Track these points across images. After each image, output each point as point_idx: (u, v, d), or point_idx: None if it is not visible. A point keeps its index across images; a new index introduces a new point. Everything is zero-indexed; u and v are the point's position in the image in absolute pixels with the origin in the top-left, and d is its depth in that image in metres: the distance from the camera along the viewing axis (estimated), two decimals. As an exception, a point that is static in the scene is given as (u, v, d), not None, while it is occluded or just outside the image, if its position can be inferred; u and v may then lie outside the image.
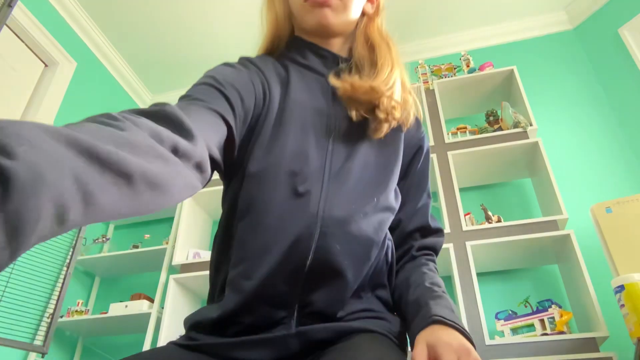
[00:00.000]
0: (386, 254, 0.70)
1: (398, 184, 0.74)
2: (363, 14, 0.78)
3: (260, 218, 0.62)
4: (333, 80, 0.69)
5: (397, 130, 0.73)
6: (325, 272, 0.61)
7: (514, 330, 1.87)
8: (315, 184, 0.64)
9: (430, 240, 0.76)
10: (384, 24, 0.80)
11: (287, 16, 0.79)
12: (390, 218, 0.70)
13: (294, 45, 0.78)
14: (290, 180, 0.63)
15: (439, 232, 0.78)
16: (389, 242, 0.71)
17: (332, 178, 0.65)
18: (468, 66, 2.58)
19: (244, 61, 0.74)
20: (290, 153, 0.65)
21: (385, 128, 0.69)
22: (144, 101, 3.48)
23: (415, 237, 0.76)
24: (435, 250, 0.77)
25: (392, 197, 0.71)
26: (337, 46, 0.77)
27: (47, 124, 0.32)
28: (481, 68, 2.54)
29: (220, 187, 2.45)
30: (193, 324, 0.66)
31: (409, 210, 0.76)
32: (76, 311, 2.39)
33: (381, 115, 0.67)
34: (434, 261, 0.76)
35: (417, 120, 0.79)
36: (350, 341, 0.58)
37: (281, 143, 0.66)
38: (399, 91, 0.71)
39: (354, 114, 0.69)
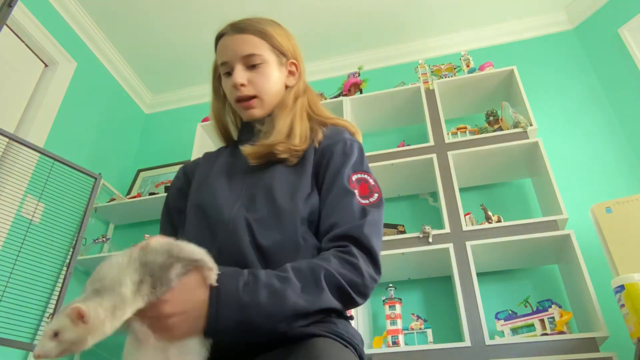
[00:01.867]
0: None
1: (320, 192, 0.84)
2: (287, 86, 0.98)
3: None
4: (243, 149, 0.89)
5: (305, 160, 0.87)
6: None
7: (514, 330, 1.87)
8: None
9: (340, 230, 0.75)
10: (301, 85, 0.99)
11: (234, 112, 1.02)
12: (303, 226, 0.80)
13: (241, 128, 1.02)
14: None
15: (359, 217, 0.77)
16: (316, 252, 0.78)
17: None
18: (468, 66, 2.58)
19: (179, 174, 1.01)
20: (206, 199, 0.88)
21: (293, 160, 0.87)
22: (144, 101, 3.48)
23: (329, 236, 0.76)
24: (346, 237, 0.74)
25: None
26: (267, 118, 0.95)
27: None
28: (481, 68, 2.54)
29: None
30: None
31: (326, 212, 0.80)
32: (76, 311, 2.38)
33: (283, 155, 0.85)
34: (342, 249, 0.73)
35: (338, 129, 0.93)
36: (305, 346, 0.63)
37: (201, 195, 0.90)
38: (301, 127, 0.90)
39: (256, 162, 0.88)
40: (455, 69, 2.62)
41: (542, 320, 1.83)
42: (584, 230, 2.03)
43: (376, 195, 0.82)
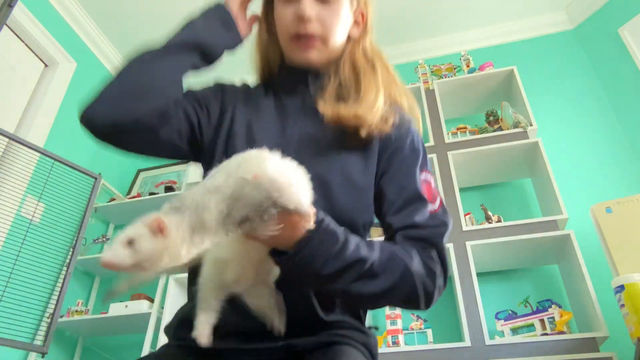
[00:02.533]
0: None
1: (379, 185, 0.76)
2: (349, 37, 0.85)
3: None
4: (321, 107, 0.76)
5: (374, 139, 0.77)
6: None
7: (514, 330, 1.87)
8: None
9: (421, 232, 0.69)
10: (371, 44, 0.88)
11: (276, 49, 0.87)
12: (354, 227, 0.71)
13: (281, 74, 0.87)
14: None
15: (440, 225, 0.71)
16: None
17: None
18: (468, 66, 2.58)
19: (214, 87, 0.88)
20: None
21: (362, 143, 0.75)
22: (144, 101, 3.47)
23: (405, 234, 0.70)
24: (428, 240, 0.69)
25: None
26: (322, 69, 0.83)
27: None
28: (481, 68, 2.54)
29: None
30: (182, 320, 0.73)
31: (395, 211, 0.72)
32: (76, 311, 2.39)
33: (363, 133, 0.74)
34: (425, 249, 0.68)
35: (405, 118, 0.81)
36: (332, 352, 0.65)
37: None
38: (381, 110, 0.77)
39: (331, 130, 0.76)
40: (455, 69, 2.62)
41: (542, 320, 1.84)
42: (584, 230, 2.03)
43: (438, 201, 0.74)
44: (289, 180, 0.54)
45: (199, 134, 0.80)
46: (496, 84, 2.51)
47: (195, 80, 0.83)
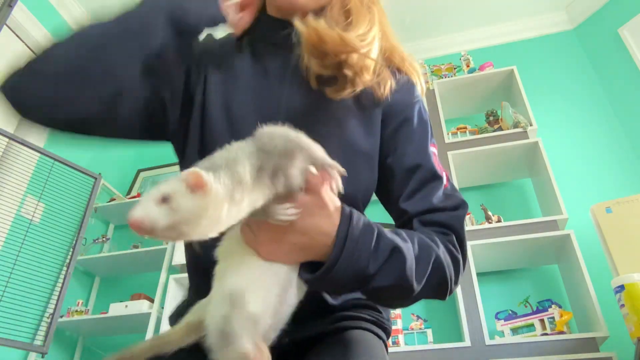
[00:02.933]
0: None
1: (386, 156, 0.66)
2: None
3: None
4: (298, 24, 0.61)
5: (372, 105, 0.66)
6: None
7: (514, 330, 1.88)
8: None
9: (440, 216, 0.62)
10: None
11: None
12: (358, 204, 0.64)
13: (261, 24, 0.71)
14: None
15: (458, 206, 0.64)
16: None
17: None
18: (468, 66, 2.58)
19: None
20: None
21: (347, 89, 0.62)
22: (144, 101, 3.47)
23: (424, 219, 0.63)
24: (448, 226, 0.62)
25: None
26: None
27: None
28: (481, 68, 2.54)
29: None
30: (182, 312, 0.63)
31: (410, 192, 0.64)
32: (76, 311, 2.39)
33: (348, 72, 0.60)
34: (446, 236, 0.61)
35: (408, 83, 0.71)
36: (340, 342, 0.59)
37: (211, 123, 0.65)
38: (376, 52, 0.64)
39: (313, 78, 0.63)
40: (455, 69, 2.62)
41: (542, 320, 1.84)
42: (584, 230, 2.03)
43: (445, 175, 0.68)
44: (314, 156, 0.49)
45: (161, 114, 0.66)
46: (496, 84, 2.51)
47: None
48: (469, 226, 2.02)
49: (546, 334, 1.78)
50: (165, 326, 2.16)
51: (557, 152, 2.43)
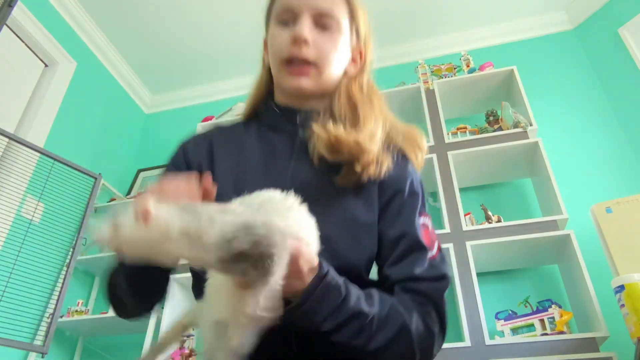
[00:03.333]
0: None
1: (379, 230, 0.71)
2: (345, 73, 0.80)
3: None
4: (316, 129, 0.69)
5: (370, 183, 0.71)
6: None
7: (514, 330, 1.87)
8: None
9: (421, 285, 0.66)
10: (368, 81, 0.82)
11: (268, 81, 0.83)
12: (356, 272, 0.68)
13: (269, 111, 0.80)
14: None
15: (440, 278, 0.68)
16: None
17: None
18: (468, 66, 2.58)
19: (176, 155, 0.79)
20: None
21: (351, 181, 0.69)
22: (144, 101, 3.48)
23: (404, 286, 0.66)
24: (427, 296, 0.65)
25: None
26: (313, 104, 0.77)
27: None
28: (481, 68, 2.54)
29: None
30: None
31: (393, 259, 0.68)
32: (76, 311, 2.38)
33: (358, 169, 0.68)
34: (424, 306, 0.65)
35: (402, 159, 0.77)
36: None
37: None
38: (378, 146, 0.72)
39: (317, 158, 0.70)
40: (455, 69, 2.62)
41: (542, 320, 1.83)
42: (584, 230, 2.03)
43: (436, 246, 0.71)
44: (299, 238, 0.53)
45: None
46: (496, 84, 2.51)
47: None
48: (469, 226, 2.02)
49: (546, 334, 1.78)
50: (165, 325, 2.16)
51: (557, 152, 2.43)
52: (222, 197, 0.64)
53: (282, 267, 0.49)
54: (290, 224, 0.51)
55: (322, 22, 0.74)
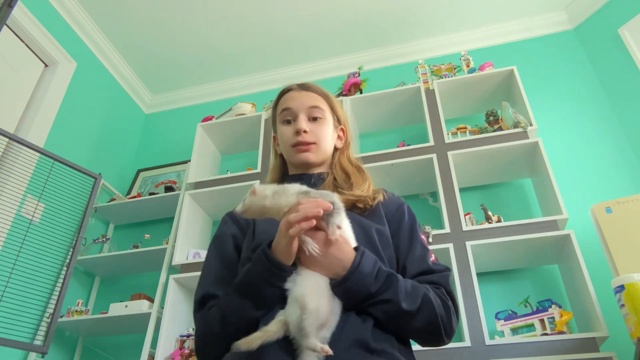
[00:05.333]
0: None
1: (394, 243, 0.95)
2: (336, 148, 1.11)
3: None
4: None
5: (375, 207, 0.99)
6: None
7: (514, 330, 1.87)
8: None
9: (431, 277, 0.89)
10: (352, 154, 1.14)
11: (281, 164, 1.13)
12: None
13: (284, 181, 1.05)
14: None
15: (444, 270, 0.91)
16: None
17: None
18: (468, 66, 2.58)
19: (228, 221, 1.04)
20: None
21: (362, 212, 0.97)
22: (144, 101, 3.48)
23: (419, 279, 0.88)
24: (438, 283, 0.88)
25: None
26: (318, 170, 1.07)
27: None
28: (481, 68, 2.54)
29: (220, 187, 2.44)
30: None
31: (410, 260, 0.92)
32: (76, 311, 2.39)
33: (360, 205, 0.97)
34: (437, 289, 0.86)
35: (395, 196, 1.06)
36: None
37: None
38: (371, 191, 1.01)
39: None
40: (455, 69, 2.62)
41: (542, 320, 1.84)
42: (584, 230, 2.03)
43: (433, 255, 0.95)
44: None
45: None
46: (496, 84, 2.51)
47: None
48: (469, 226, 2.02)
49: (546, 334, 1.78)
50: (165, 325, 2.16)
51: (557, 152, 2.43)
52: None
53: (342, 215, 0.80)
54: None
55: (313, 114, 1.07)
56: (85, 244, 2.60)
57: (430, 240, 2.01)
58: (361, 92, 2.68)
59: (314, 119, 1.06)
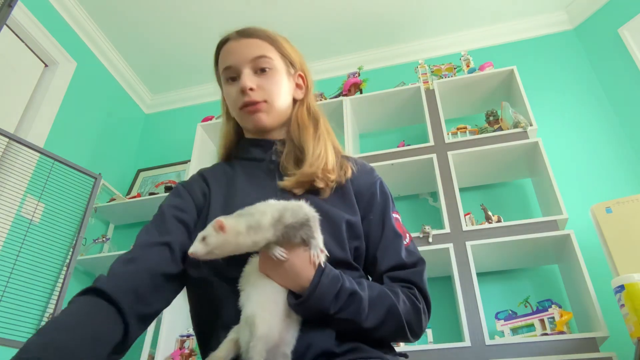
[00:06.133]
0: None
1: (363, 227, 0.84)
2: (295, 100, 0.96)
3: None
4: (281, 185, 0.84)
5: (343, 185, 0.88)
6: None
7: (514, 330, 1.87)
8: None
9: (404, 273, 0.81)
10: (313, 102, 0.98)
11: (234, 128, 0.99)
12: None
13: (241, 146, 0.97)
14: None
15: (417, 263, 0.83)
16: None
17: None
18: (468, 66, 2.58)
19: (191, 180, 0.94)
20: None
21: (327, 191, 0.85)
22: (144, 101, 3.48)
23: (390, 275, 0.81)
24: (411, 281, 0.80)
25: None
26: (276, 133, 0.94)
27: None
28: (481, 68, 2.54)
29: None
30: None
31: (380, 252, 0.83)
32: (76, 311, 2.38)
33: (320, 184, 0.84)
34: (409, 289, 0.79)
35: (367, 168, 0.94)
36: None
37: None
38: (332, 158, 0.88)
39: (298, 191, 0.84)
40: (455, 69, 2.62)
41: (542, 320, 1.84)
42: (584, 230, 2.03)
43: (408, 236, 0.87)
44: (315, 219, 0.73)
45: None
46: (496, 84, 2.51)
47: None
48: (469, 226, 2.02)
49: (546, 334, 1.78)
50: (165, 325, 2.16)
51: (557, 152, 2.43)
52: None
53: (318, 231, 0.72)
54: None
55: (259, 65, 0.90)
56: (85, 244, 2.60)
57: (430, 240, 2.01)
58: (361, 92, 2.68)
59: (261, 71, 0.89)
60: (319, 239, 0.72)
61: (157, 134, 3.38)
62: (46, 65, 2.68)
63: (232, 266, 0.74)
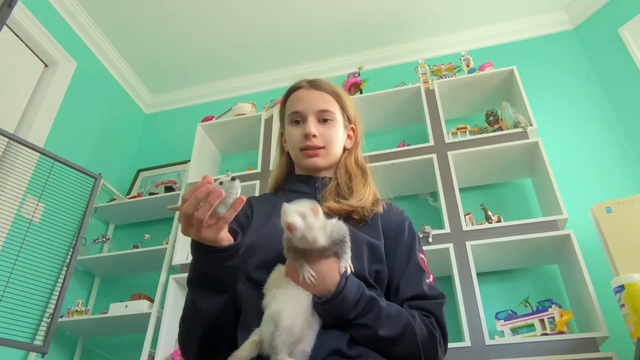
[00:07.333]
0: None
1: (386, 258, 0.91)
2: (345, 149, 1.09)
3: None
4: (324, 205, 0.92)
5: (372, 219, 0.96)
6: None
7: (514, 330, 1.87)
8: None
9: (424, 303, 0.86)
10: (360, 153, 1.11)
11: (286, 162, 1.10)
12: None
13: (289, 180, 1.09)
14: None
15: (438, 297, 0.88)
16: None
17: None
18: (468, 66, 2.58)
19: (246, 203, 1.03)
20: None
21: (358, 223, 0.94)
22: (144, 101, 3.48)
23: (411, 304, 0.86)
24: (430, 311, 0.85)
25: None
26: (324, 173, 1.05)
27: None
28: (481, 68, 2.54)
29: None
30: None
31: (404, 282, 0.89)
32: (76, 311, 2.39)
33: (356, 216, 0.94)
34: (427, 317, 0.83)
35: (399, 209, 1.03)
36: None
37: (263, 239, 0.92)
38: (370, 201, 0.98)
39: (337, 216, 0.91)
40: (455, 69, 2.62)
41: (542, 320, 1.83)
42: (584, 230, 2.03)
43: (432, 276, 0.93)
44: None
45: None
46: (496, 84, 2.51)
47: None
48: (469, 226, 2.02)
49: (546, 334, 1.78)
50: (165, 325, 2.16)
51: (557, 152, 2.43)
52: (256, 243, 0.91)
53: (349, 248, 0.80)
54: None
55: (323, 117, 1.03)
56: (85, 244, 2.60)
57: (430, 240, 2.01)
58: (361, 92, 2.68)
59: (324, 121, 1.03)
60: (349, 254, 0.79)
61: (157, 134, 3.38)
62: (46, 65, 2.68)
63: (258, 270, 0.83)
